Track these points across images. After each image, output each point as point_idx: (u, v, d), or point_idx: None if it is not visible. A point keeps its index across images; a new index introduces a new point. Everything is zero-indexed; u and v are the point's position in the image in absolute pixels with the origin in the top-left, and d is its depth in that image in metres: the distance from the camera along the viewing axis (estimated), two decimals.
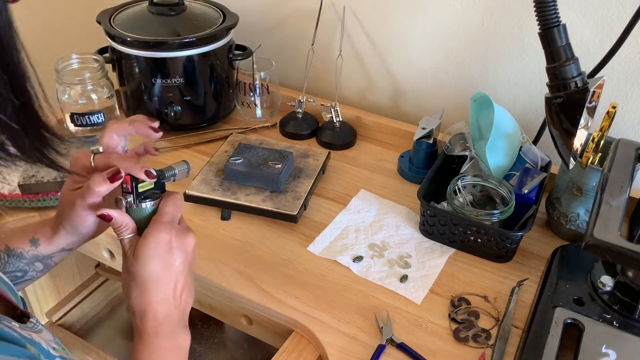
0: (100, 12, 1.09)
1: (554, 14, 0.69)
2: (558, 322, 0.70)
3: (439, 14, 1.03)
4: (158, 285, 0.54)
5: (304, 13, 1.16)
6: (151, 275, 0.53)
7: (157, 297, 0.53)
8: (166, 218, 0.55)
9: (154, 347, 0.53)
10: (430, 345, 0.72)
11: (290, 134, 1.13)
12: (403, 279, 0.81)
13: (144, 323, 0.53)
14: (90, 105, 1.03)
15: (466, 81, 1.08)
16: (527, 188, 0.87)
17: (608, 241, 0.64)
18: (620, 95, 0.95)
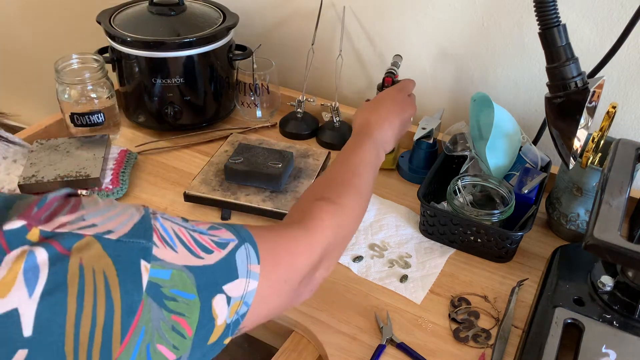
0: (100, 12, 1.09)
1: (554, 14, 0.69)
2: (558, 322, 0.70)
3: (439, 14, 1.03)
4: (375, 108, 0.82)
5: (304, 13, 1.16)
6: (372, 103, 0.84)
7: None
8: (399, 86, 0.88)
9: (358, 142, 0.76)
10: (430, 345, 0.72)
11: (290, 134, 1.13)
12: (403, 279, 0.81)
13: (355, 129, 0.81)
14: (90, 105, 1.03)
15: (466, 81, 1.08)
16: (527, 188, 0.87)
17: (608, 241, 0.64)
18: (620, 95, 0.95)
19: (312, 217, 0.58)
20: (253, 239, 0.48)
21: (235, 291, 0.44)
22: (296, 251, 0.53)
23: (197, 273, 0.41)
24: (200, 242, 0.43)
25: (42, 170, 0.94)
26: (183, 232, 0.43)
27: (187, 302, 0.40)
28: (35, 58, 1.75)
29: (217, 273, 0.43)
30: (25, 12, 1.66)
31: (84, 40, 1.35)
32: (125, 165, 1.00)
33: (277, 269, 0.49)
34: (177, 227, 0.43)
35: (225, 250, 0.45)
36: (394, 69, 0.97)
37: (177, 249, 0.41)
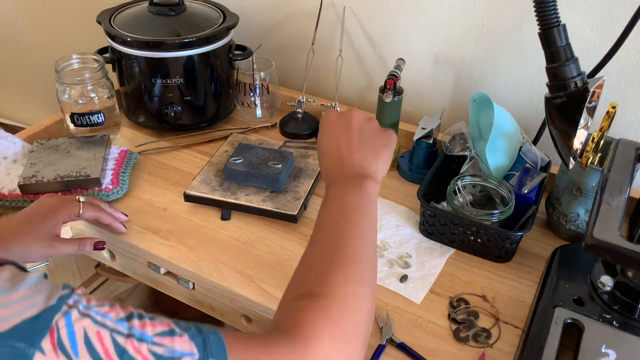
0: (100, 12, 1.09)
1: (554, 14, 0.69)
2: (558, 322, 0.70)
3: (439, 14, 1.03)
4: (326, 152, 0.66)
5: (304, 13, 1.16)
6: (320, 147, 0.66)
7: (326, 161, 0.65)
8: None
9: (329, 194, 0.60)
10: (430, 345, 0.72)
11: (290, 134, 1.13)
12: (403, 279, 0.81)
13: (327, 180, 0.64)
14: (90, 105, 1.03)
15: (466, 81, 1.08)
16: (527, 188, 0.87)
17: (608, 241, 0.64)
18: (620, 95, 0.95)
19: (299, 325, 0.43)
20: (224, 355, 0.37)
21: None
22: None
23: None
24: (130, 354, 0.33)
25: (42, 170, 0.94)
26: (103, 339, 0.33)
27: None
28: (35, 58, 1.75)
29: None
30: (25, 13, 1.66)
31: (84, 40, 1.35)
32: (125, 165, 1.00)
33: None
34: (96, 329, 0.33)
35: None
36: (396, 72, 0.97)
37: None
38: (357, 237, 0.52)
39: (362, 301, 0.47)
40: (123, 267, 0.94)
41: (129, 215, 0.90)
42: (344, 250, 0.50)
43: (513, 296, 0.80)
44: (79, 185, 0.93)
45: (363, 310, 0.47)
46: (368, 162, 0.61)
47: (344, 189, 0.57)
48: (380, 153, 0.63)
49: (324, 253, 0.50)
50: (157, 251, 0.85)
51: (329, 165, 0.63)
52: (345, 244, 0.50)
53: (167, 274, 0.88)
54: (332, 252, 0.50)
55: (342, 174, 0.60)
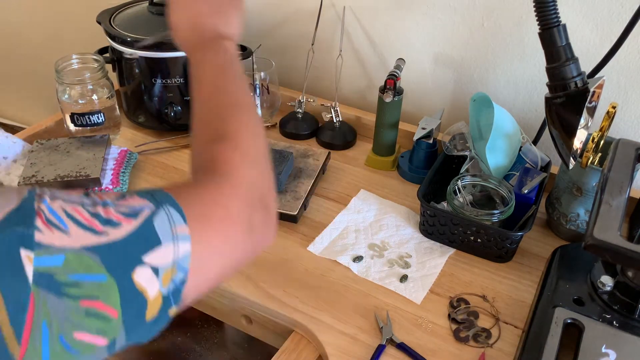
0: (100, 12, 1.09)
1: (554, 14, 0.69)
2: (558, 322, 0.70)
3: (439, 14, 1.03)
4: None
5: (304, 13, 1.16)
6: None
7: None
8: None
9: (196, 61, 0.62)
10: (430, 345, 0.72)
11: (290, 134, 1.13)
12: (403, 279, 0.81)
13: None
14: (90, 105, 1.03)
15: (466, 81, 1.08)
16: (527, 188, 0.87)
17: (608, 241, 0.64)
18: (620, 95, 0.95)
19: (220, 162, 0.51)
20: (173, 200, 0.44)
21: (161, 259, 0.40)
22: (223, 200, 0.48)
23: (102, 252, 0.37)
24: (103, 217, 0.39)
25: (42, 170, 0.94)
26: (78, 210, 0.38)
27: (96, 284, 0.37)
28: (35, 58, 1.75)
29: (130, 246, 0.39)
30: (25, 13, 1.66)
31: (84, 40, 1.35)
32: (125, 165, 1.00)
33: (208, 226, 0.45)
34: (70, 205, 0.38)
35: (137, 219, 0.40)
36: (396, 72, 0.97)
37: (69, 230, 0.37)
38: (237, 86, 0.59)
39: (257, 133, 0.57)
40: None
41: None
42: (231, 98, 0.58)
43: (513, 296, 0.80)
44: (79, 185, 0.93)
45: (260, 138, 0.57)
46: (220, 20, 0.64)
47: (208, 51, 0.62)
48: (230, 12, 0.66)
49: (215, 104, 0.58)
50: None
51: (184, 36, 0.65)
52: (229, 93, 0.58)
53: None
54: (222, 102, 0.57)
55: (198, 40, 0.63)
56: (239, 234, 0.48)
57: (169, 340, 1.22)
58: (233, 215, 0.48)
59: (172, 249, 0.41)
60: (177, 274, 0.41)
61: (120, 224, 0.39)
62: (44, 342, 0.34)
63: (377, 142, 1.05)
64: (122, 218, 0.40)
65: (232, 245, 0.48)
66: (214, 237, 0.45)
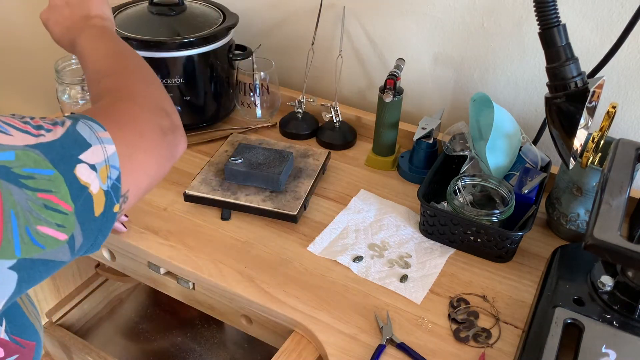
0: None
1: (554, 14, 0.69)
2: (558, 322, 0.70)
3: (439, 14, 1.03)
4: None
5: (304, 13, 1.16)
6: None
7: None
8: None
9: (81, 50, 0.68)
10: (430, 345, 0.72)
11: (290, 134, 1.13)
12: (403, 279, 0.81)
13: None
14: (90, 106, 1.02)
15: (466, 81, 1.08)
16: (527, 188, 0.87)
17: (608, 241, 0.64)
18: (620, 95, 0.95)
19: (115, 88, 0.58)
20: (87, 116, 0.49)
21: (95, 158, 0.45)
22: (128, 109, 0.54)
23: (44, 149, 0.42)
24: (34, 125, 0.43)
25: None
26: (12, 120, 0.43)
27: (47, 178, 0.41)
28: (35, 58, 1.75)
29: (66, 145, 0.44)
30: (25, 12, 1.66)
31: None
32: None
33: (123, 129, 0.50)
34: (4, 117, 0.43)
35: (63, 127, 0.45)
36: (396, 72, 0.97)
37: (11, 133, 0.41)
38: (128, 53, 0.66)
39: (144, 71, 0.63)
40: (123, 267, 0.94)
41: (129, 216, 0.90)
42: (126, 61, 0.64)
43: (513, 296, 0.80)
44: None
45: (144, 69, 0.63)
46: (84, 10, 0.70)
47: (88, 37, 0.67)
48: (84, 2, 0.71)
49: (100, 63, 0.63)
50: (157, 251, 0.85)
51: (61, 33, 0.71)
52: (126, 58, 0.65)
53: (167, 274, 0.88)
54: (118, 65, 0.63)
55: (72, 35, 0.69)
56: (151, 133, 0.53)
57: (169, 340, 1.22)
58: (141, 119, 0.53)
59: (100, 149, 0.46)
60: (112, 171, 0.46)
61: (51, 130, 0.44)
62: (14, 234, 0.38)
63: (377, 142, 1.05)
64: (50, 126, 0.44)
65: (150, 143, 0.52)
66: (131, 138, 0.50)
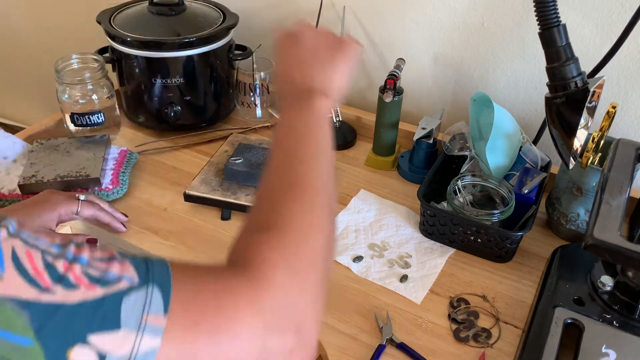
0: (100, 12, 1.09)
1: (554, 14, 0.69)
2: (558, 322, 0.70)
3: (439, 14, 1.03)
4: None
5: (304, 13, 1.16)
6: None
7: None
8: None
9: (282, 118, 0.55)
10: (430, 345, 0.72)
11: None
12: (403, 279, 0.81)
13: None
14: (90, 105, 1.03)
15: (466, 81, 1.08)
16: (527, 188, 0.87)
17: (608, 241, 0.64)
18: (620, 95, 0.95)
19: (252, 258, 0.40)
20: (168, 282, 0.35)
21: (113, 346, 0.32)
22: (231, 304, 0.37)
23: (35, 311, 0.31)
24: (59, 272, 0.32)
25: (42, 170, 0.94)
26: (32, 256, 0.32)
27: (16, 347, 0.31)
28: (35, 58, 1.75)
29: (78, 317, 0.32)
30: (25, 12, 1.66)
31: (84, 40, 1.35)
32: (125, 165, 1.00)
33: (195, 328, 0.35)
34: (27, 248, 0.33)
35: (104, 288, 0.33)
36: (396, 72, 0.97)
37: (4, 274, 0.31)
38: (308, 161, 0.49)
39: (317, 229, 0.45)
40: None
41: (129, 216, 0.90)
42: (296, 178, 0.47)
43: (513, 296, 0.80)
44: (79, 185, 0.93)
45: (319, 238, 0.45)
46: (318, 77, 0.56)
47: (292, 110, 0.54)
48: (333, 65, 0.58)
49: (276, 184, 0.48)
50: (157, 251, 0.85)
51: (280, 87, 0.59)
52: (296, 171, 0.48)
53: None
54: (284, 181, 0.47)
55: (291, 94, 0.56)
56: (237, 354, 0.37)
57: None
58: (237, 331, 0.37)
59: (132, 339, 0.33)
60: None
61: (77, 287, 0.32)
62: None
63: (377, 142, 1.05)
64: (84, 281, 0.33)
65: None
66: (196, 345, 0.35)
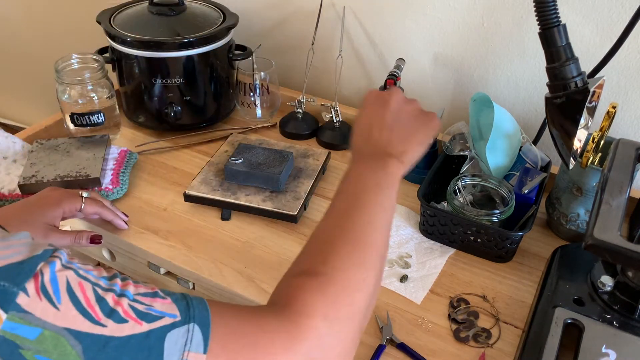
0: (100, 12, 1.09)
1: (554, 14, 0.69)
2: (558, 322, 0.70)
3: (439, 14, 1.03)
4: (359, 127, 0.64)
5: (304, 13, 1.16)
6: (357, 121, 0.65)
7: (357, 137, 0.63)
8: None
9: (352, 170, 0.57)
10: (430, 345, 0.72)
11: (290, 134, 1.13)
12: (403, 279, 0.81)
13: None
14: (90, 105, 1.03)
15: (466, 81, 1.08)
16: (527, 188, 0.87)
17: (608, 241, 0.64)
18: (620, 95, 0.95)
19: (293, 301, 0.42)
20: (207, 321, 0.37)
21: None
22: (267, 348, 0.38)
23: (88, 342, 0.32)
24: (110, 306, 0.34)
25: (42, 170, 0.94)
26: (84, 288, 0.34)
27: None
28: (35, 58, 1.75)
29: (126, 350, 0.33)
30: (25, 12, 1.66)
31: (84, 40, 1.35)
32: (125, 165, 1.00)
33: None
34: (78, 280, 0.34)
35: (150, 324, 0.34)
36: (396, 72, 0.97)
37: (60, 306, 0.32)
38: (369, 218, 0.50)
39: (363, 285, 0.47)
40: (123, 267, 0.94)
41: (129, 216, 0.90)
42: (353, 231, 0.48)
43: (513, 296, 0.80)
44: (79, 185, 0.93)
45: (363, 294, 0.46)
46: (397, 142, 0.59)
47: (365, 166, 0.56)
48: (413, 135, 0.61)
49: (332, 231, 0.49)
50: (157, 251, 0.85)
51: (357, 140, 0.61)
52: (355, 224, 0.49)
53: (167, 274, 0.88)
54: (341, 231, 0.48)
55: (367, 151, 0.58)
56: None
57: None
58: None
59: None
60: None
61: (126, 321, 0.34)
62: None
63: None
64: (132, 316, 0.34)
65: None
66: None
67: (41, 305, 0.32)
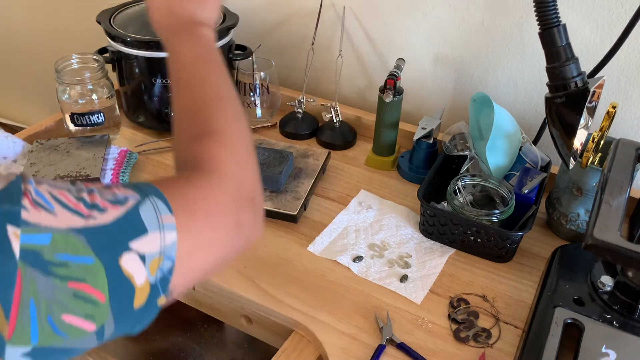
0: (100, 12, 1.09)
1: (554, 14, 0.69)
2: (558, 322, 0.70)
3: (439, 14, 1.03)
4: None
5: (304, 13, 1.16)
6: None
7: None
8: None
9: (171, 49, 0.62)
10: (430, 345, 0.72)
11: (290, 134, 1.13)
12: (403, 279, 0.81)
13: None
14: (90, 105, 1.03)
15: (466, 81, 1.08)
16: (527, 188, 0.87)
17: (608, 241, 0.64)
18: (620, 95, 0.95)
19: (205, 159, 0.51)
20: (159, 192, 0.44)
21: (148, 247, 0.40)
22: (211, 195, 0.47)
23: (88, 234, 0.38)
24: (89, 202, 0.39)
25: (42, 170, 0.94)
26: (64, 194, 0.39)
27: (83, 266, 0.37)
28: (35, 58, 1.75)
29: (117, 231, 0.39)
30: (25, 12, 1.66)
31: (84, 40, 1.35)
32: (125, 165, 1.00)
33: (194, 218, 0.45)
34: (56, 189, 0.39)
35: (124, 206, 0.40)
36: (396, 72, 0.97)
37: (56, 211, 0.37)
38: (217, 78, 0.58)
39: (244, 130, 0.57)
40: None
41: None
42: (213, 89, 0.57)
43: (513, 296, 0.80)
44: None
45: (247, 138, 0.57)
46: (197, 10, 0.63)
47: (180, 39, 0.61)
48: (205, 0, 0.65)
49: (192, 101, 0.56)
50: None
51: (158, 20, 0.64)
52: (210, 85, 0.57)
53: None
54: (198, 97, 0.56)
55: (174, 26, 0.62)
56: (226, 229, 0.48)
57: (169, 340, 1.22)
58: (220, 211, 0.48)
59: (158, 237, 0.41)
60: (165, 263, 0.41)
61: (106, 209, 0.39)
62: (32, 322, 0.34)
63: (377, 142, 1.05)
64: (107, 204, 0.40)
65: (219, 239, 0.47)
66: (200, 229, 0.45)
67: (41, 215, 0.36)
